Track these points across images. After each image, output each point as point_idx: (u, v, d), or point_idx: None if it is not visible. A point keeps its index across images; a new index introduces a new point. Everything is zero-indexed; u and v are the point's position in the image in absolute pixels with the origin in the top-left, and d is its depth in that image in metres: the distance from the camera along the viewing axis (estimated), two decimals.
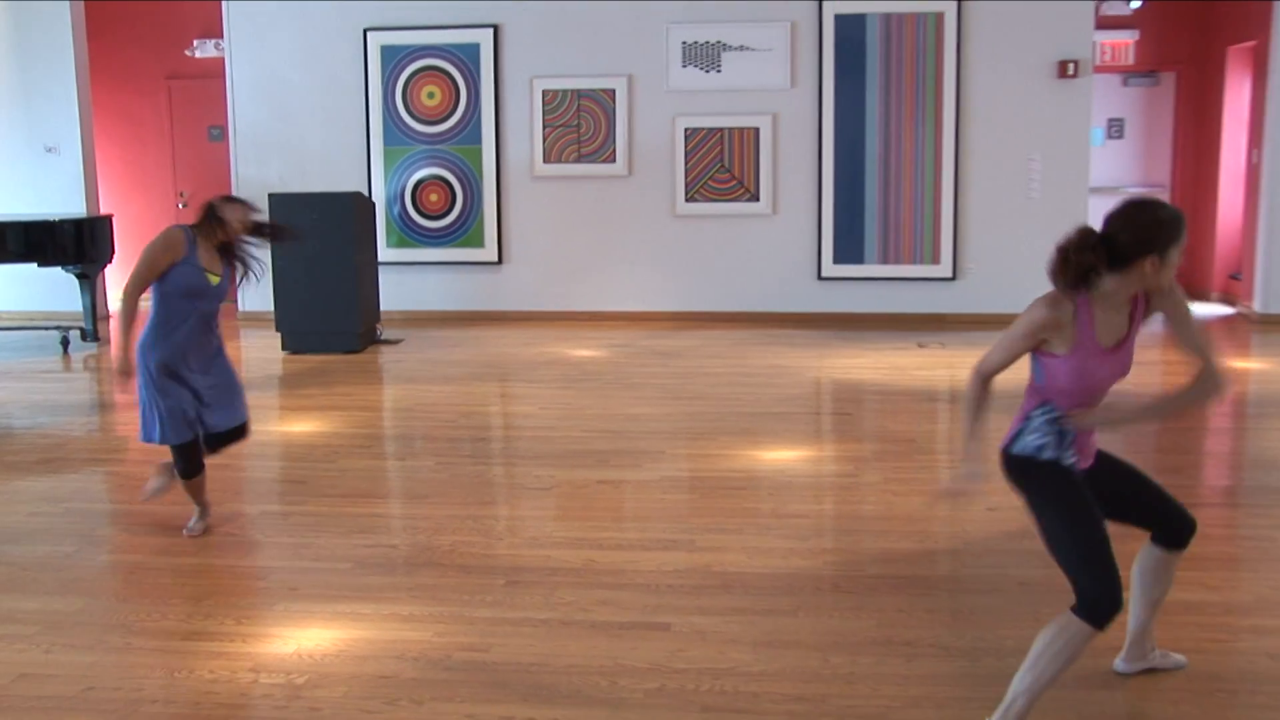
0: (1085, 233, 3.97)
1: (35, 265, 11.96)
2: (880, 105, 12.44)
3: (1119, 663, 4.47)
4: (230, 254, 6.12)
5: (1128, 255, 3.84)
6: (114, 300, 15.21)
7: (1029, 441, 4.21)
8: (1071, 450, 4.07)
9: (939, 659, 4.49)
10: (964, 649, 4.57)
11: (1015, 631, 4.69)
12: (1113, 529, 3.87)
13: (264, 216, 6.39)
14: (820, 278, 12.73)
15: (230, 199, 6.21)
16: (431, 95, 13.29)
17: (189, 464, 6.18)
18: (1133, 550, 4.19)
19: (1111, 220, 3.91)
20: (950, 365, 10.45)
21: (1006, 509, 6.26)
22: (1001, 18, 12.25)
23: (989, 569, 5.47)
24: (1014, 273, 12.38)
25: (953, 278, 12.58)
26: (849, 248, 12.61)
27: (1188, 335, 3.91)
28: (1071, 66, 12.15)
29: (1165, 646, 4.48)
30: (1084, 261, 3.96)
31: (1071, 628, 3.86)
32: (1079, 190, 12.40)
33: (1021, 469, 4.19)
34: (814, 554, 5.78)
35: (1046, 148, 12.38)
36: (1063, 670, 3.86)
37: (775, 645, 4.67)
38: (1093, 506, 3.92)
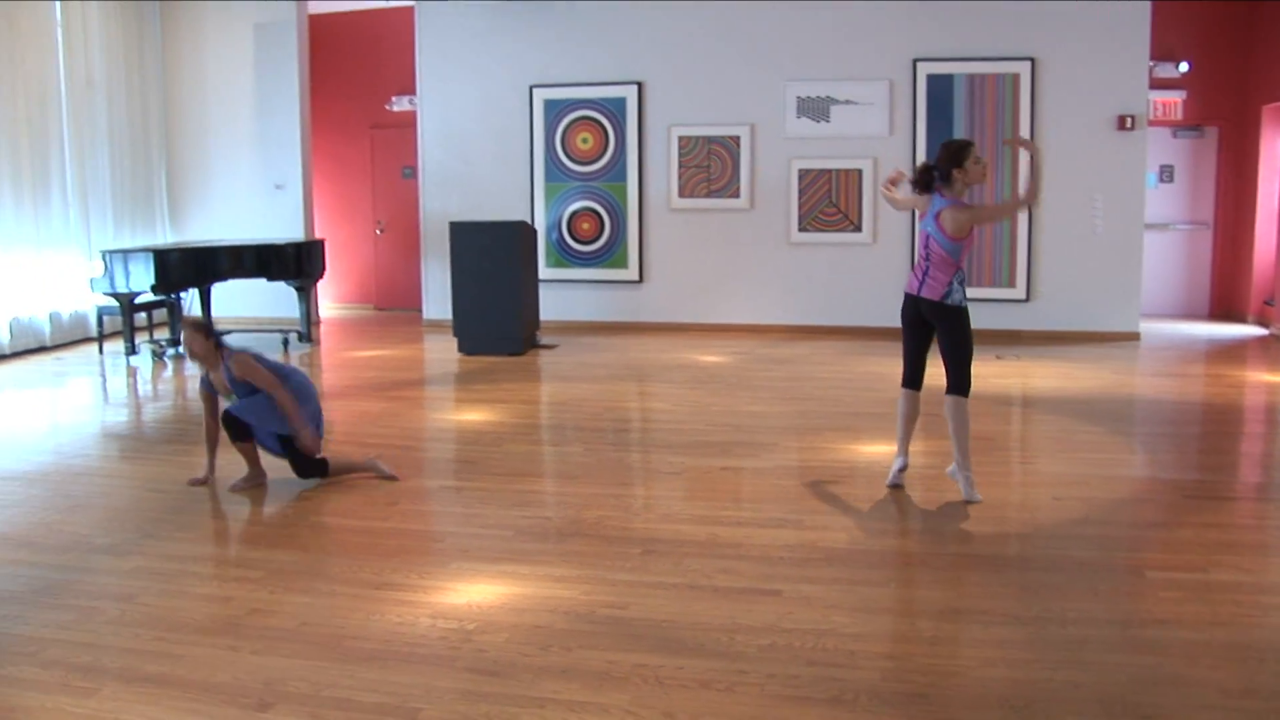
0: (923, 165, 6.26)
1: (264, 280, 12.26)
2: None
3: (896, 469, 6.52)
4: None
5: (944, 172, 6.10)
6: (325, 309, 15.55)
7: (959, 296, 6.14)
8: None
9: (1010, 626, 4.42)
10: (1031, 618, 4.48)
11: (1075, 604, 4.61)
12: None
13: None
14: None
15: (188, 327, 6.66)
16: (585, 140, 13.37)
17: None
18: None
19: (935, 156, 6.21)
20: (1023, 375, 10.26)
21: (1070, 499, 6.18)
22: (1070, 78, 12.02)
23: (1054, 550, 5.36)
24: (1080, 295, 12.20)
25: (1027, 299, 12.36)
26: None
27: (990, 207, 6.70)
28: (1129, 120, 11.91)
29: (1205, 620, 4.42)
30: (923, 179, 6.19)
31: (966, 404, 6.17)
32: (1135, 226, 12.14)
33: (956, 311, 6.13)
34: (904, 534, 5.72)
35: (1107, 189, 12.12)
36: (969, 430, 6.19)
37: (870, 611, 4.63)
38: None
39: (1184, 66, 13.43)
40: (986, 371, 10.25)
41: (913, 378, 6.53)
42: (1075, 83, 12.03)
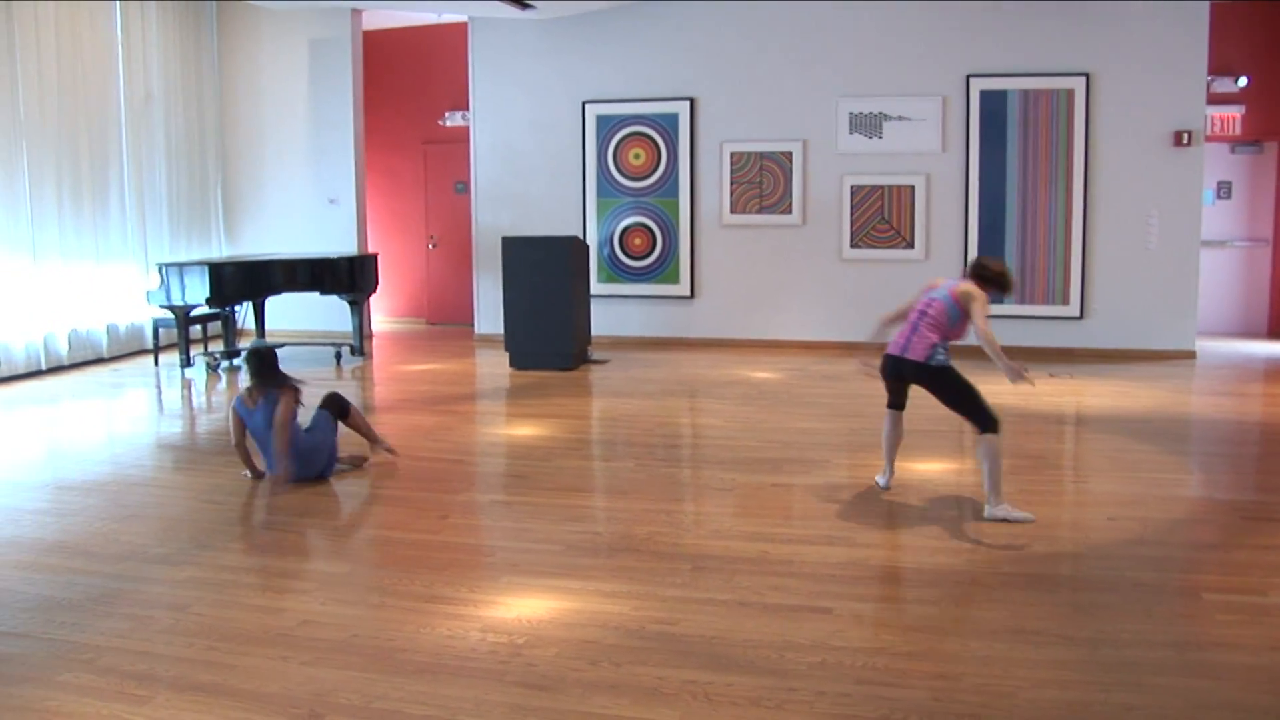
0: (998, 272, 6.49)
1: (318, 294, 12.35)
2: (1018, 167, 12.20)
3: (882, 480, 6.87)
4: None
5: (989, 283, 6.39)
6: (377, 323, 15.66)
7: (942, 358, 6.35)
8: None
9: (1063, 647, 4.37)
10: (1085, 639, 4.44)
11: (1131, 625, 4.55)
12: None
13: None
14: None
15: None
16: (637, 156, 13.40)
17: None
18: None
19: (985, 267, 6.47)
20: (1077, 393, 10.16)
21: (1125, 519, 6.11)
22: (1125, 94, 11.91)
23: (1108, 570, 5.30)
24: (1134, 314, 12.07)
25: (1080, 317, 12.24)
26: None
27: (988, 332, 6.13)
28: (1186, 136, 11.77)
29: (1264, 644, 4.35)
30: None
31: (994, 440, 6.16)
32: (1191, 244, 11.99)
33: (941, 370, 6.33)
34: (955, 552, 5.67)
35: (1163, 206, 11.98)
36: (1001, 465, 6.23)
37: (921, 629, 4.60)
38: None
39: (1242, 81, 13.25)
40: (1039, 389, 10.16)
41: (896, 403, 6.88)
42: (1131, 98, 11.92)
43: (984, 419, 6.20)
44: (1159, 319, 12.09)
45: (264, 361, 7.11)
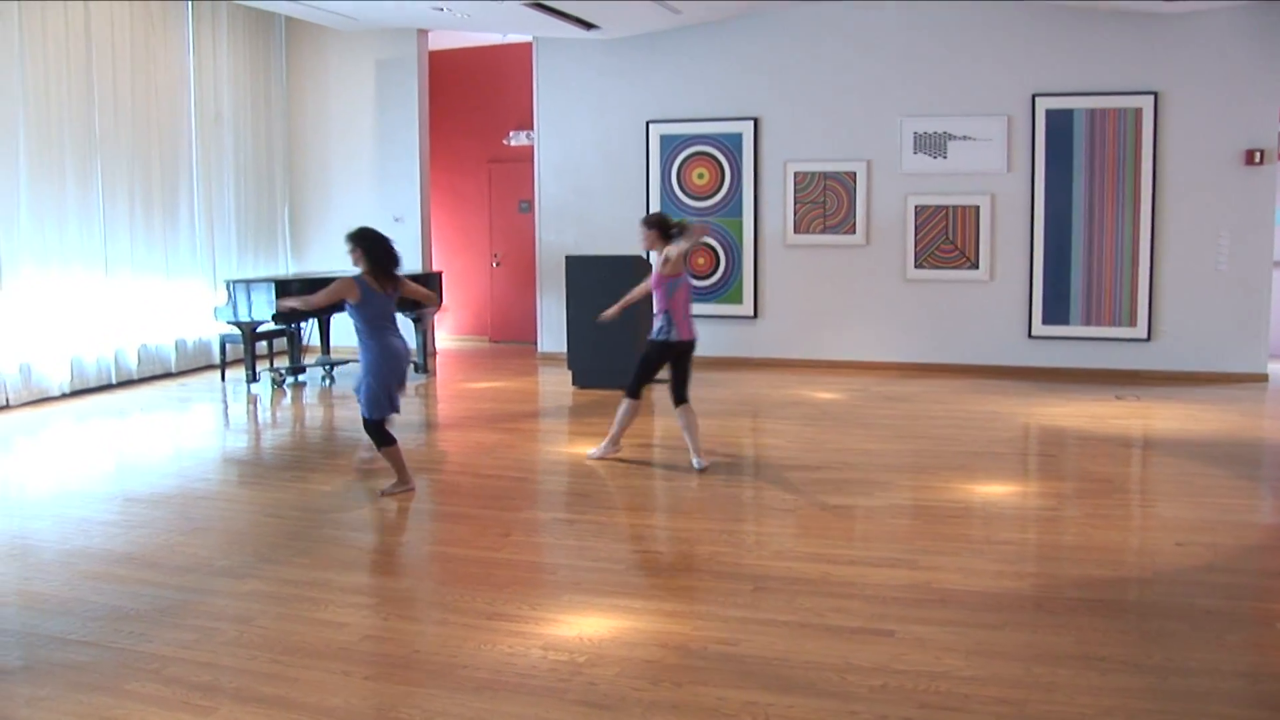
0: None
1: None
2: (1085, 186, 12.07)
3: (696, 461, 7.91)
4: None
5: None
6: (441, 340, 15.74)
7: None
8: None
9: (1130, 674, 4.31)
10: (1153, 667, 4.37)
11: (1201, 654, 4.47)
12: None
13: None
14: (1030, 336, 12.39)
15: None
16: (701, 175, 13.41)
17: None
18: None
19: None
20: (1144, 416, 10.02)
21: (1194, 545, 6.01)
22: (1195, 112, 11.75)
23: (1177, 597, 5.22)
24: (1203, 336, 11.89)
25: (1148, 339, 12.07)
26: (1056, 310, 12.25)
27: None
28: (1258, 155, 11.58)
29: None
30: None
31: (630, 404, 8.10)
32: (1263, 264, 11.79)
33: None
34: (1020, 576, 5.61)
35: (1234, 226, 11.79)
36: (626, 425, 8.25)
37: (984, 654, 4.55)
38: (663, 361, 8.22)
39: None
40: (1105, 412, 10.06)
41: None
42: (1201, 116, 11.75)
43: (634, 382, 8.27)
44: (1229, 341, 11.89)
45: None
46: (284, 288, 11.45)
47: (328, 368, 12.45)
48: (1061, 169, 12.10)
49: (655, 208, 13.53)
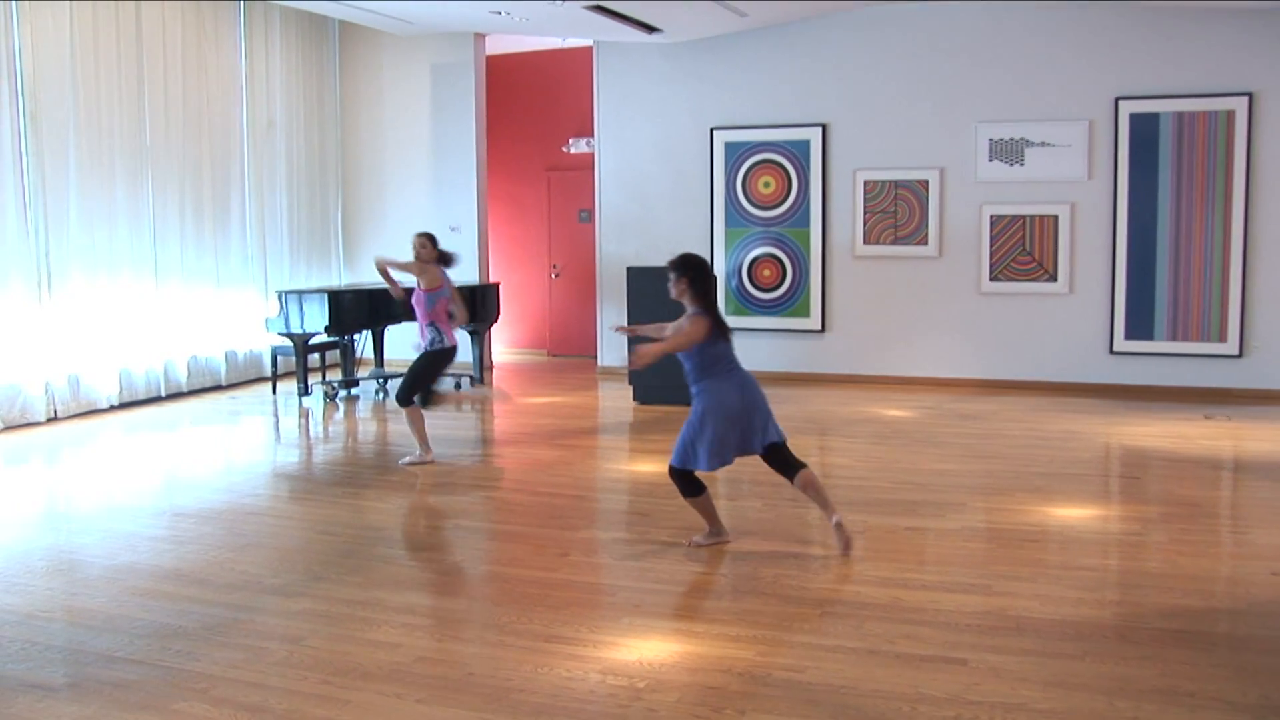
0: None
1: None
2: (1171, 194, 11.90)
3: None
4: None
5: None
6: (498, 353, 15.79)
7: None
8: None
9: (1222, 712, 4.20)
10: (1249, 705, 4.26)
11: None
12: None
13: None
14: (1112, 352, 12.22)
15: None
16: (767, 184, 13.38)
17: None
18: None
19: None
20: (1236, 437, 9.84)
21: None
22: None
23: (1273, 630, 5.09)
24: None
25: (1239, 355, 11.86)
26: (1139, 325, 12.08)
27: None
28: None
29: None
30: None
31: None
32: None
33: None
34: (1101, 604, 5.51)
35: None
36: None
37: (1063, 686, 4.46)
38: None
39: None
40: (1193, 432, 9.89)
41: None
42: None
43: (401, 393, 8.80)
44: None
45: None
46: (337, 299, 11.53)
47: (381, 381, 12.53)
48: (1146, 176, 11.94)
49: (720, 217, 13.49)
